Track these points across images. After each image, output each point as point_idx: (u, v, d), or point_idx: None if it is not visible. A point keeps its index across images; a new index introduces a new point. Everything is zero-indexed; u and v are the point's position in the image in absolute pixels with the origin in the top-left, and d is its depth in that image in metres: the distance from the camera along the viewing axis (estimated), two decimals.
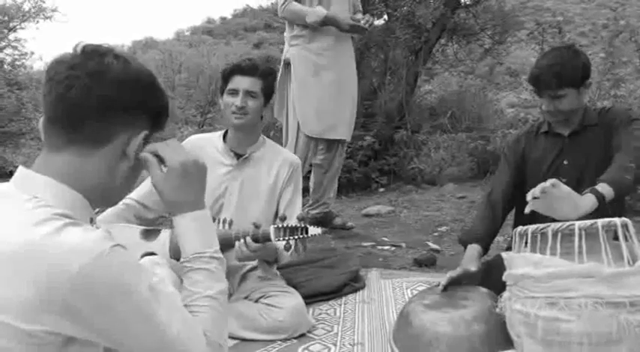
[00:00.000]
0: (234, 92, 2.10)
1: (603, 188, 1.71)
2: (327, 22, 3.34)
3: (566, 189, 1.68)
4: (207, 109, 11.23)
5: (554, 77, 1.92)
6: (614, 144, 1.93)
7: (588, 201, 1.69)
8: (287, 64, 3.57)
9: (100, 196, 0.99)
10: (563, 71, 1.93)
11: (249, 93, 2.09)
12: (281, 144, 2.39)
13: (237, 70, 2.11)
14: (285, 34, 3.69)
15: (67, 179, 0.92)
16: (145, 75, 0.97)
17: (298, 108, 3.49)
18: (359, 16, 3.46)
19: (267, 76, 2.14)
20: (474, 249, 2.02)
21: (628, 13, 6.56)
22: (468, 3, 7.40)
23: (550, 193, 1.66)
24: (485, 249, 2.06)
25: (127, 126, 0.95)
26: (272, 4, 9.77)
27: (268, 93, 2.16)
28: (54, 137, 0.93)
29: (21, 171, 0.93)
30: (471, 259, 1.97)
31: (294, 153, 3.29)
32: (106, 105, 0.92)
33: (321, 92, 3.47)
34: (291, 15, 3.46)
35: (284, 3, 3.45)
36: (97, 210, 1.13)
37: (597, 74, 5.33)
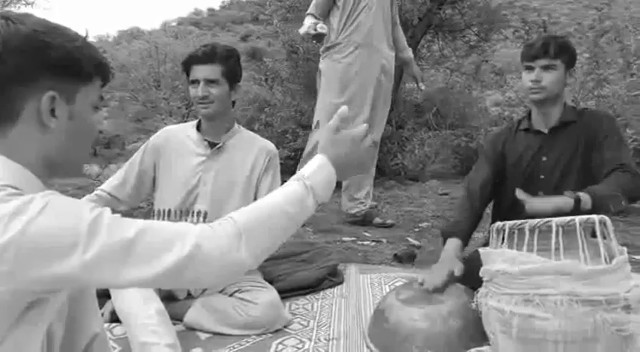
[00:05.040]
0: (195, 82, 2.05)
1: (584, 196, 1.71)
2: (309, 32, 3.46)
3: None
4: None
5: (553, 43, 2.01)
6: (604, 157, 1.94)
7: (563, 199, 1.71)
8: (320, 73, 3.79)
9: (49, 167, 0.96)
10: (560, 42, 2.04)
11: (209, 82, 2.03)
12: (265, 138, 2.33)
13: (194, 59, 2.04)
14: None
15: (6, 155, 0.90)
16: (24, 35, 0.88)
17: (323, 117, 3.68)
18: (318, 26, 3.51)
19: (228, 60, 2.06)
20: (453, 242, 2.00)
21: (614, 14, 6.61)
22: None
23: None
24: (465, 243, 2.04)
25: (29, 95, 0.90)
26: None
27: (232, 76, 2.08)
28: None
29: None
30: (451, 256, 1.95)
31: None
32: None
33: (344, 99, 3.61)
34: (301, 29, 3.62)
35: (305, 16, 3.63)
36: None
37: (582, 74, 5.36)
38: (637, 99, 5.13)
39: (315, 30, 3.39)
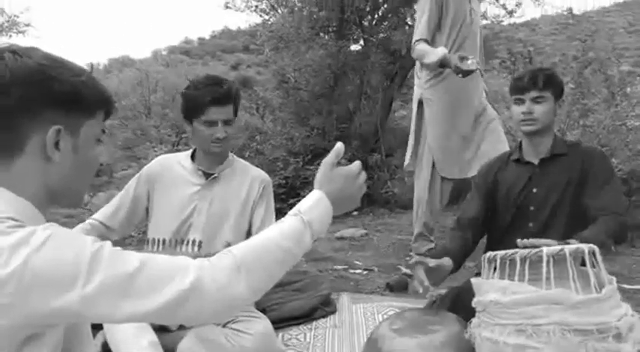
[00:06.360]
0: (212, 123, 2.02)
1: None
2: (443, 63, 3.18)
3: None
4: (182, 129, 11.19)
5: (542, 76, 2.03)
6: (594, 197, 1.96)
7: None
8: (420, 103, 3.56)
9: (50, 198, 0.96)
10: (549, 73, 2.08)
11: (227, 122, 2.04)
12: (255, 165, 2.34)
13: (215, 101, 2.00)
14: (416, 70, 3.63)
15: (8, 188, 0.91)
16: (30, 68, 0.89)
17: (435, 150, 3.50)
18: (469, 61, 3.15)
19: (238, 97, 2.10)
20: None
21: (597, 46, 6.76)
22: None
23: None
24: (457, 265, 2.04)
25: (34, 128, 0.91)
26: (250, 25, 9.84)
27: (237, 112, 2.12)
28: None
29: None
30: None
31: (429, 192, 3.52)
32: None
33: (456, 132, 3.46)
34: (417, 55, 3.41)
35: (415, 42, 3.41)
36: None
37: (567, 104, 5.45)
38: (621, 129, 5.22)
39: (467, 65, 3.03)
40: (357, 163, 1.16)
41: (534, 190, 2.09)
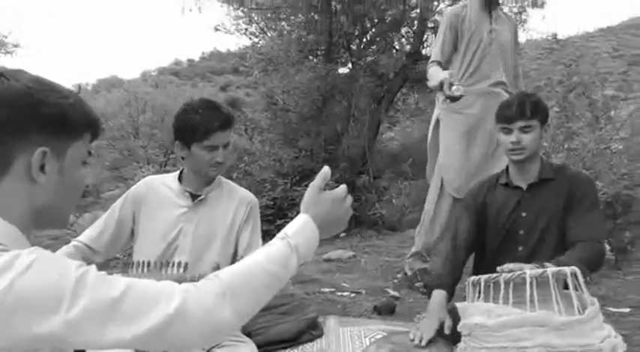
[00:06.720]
0: (214, 148, 2.02)
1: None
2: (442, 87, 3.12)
3: None
4: (170, 149, 11.17)
5: (528, 104, 2.04)
6: (576, 222, 1.99)
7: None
8: (437, 123, 3.57)
9: (35, 220, 0.96)
10: (535, 101, 2.08)
11: (226, 146, 2.05)
12: (243, 186, 2.32)
13: (219, 126, 2.00)
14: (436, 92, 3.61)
15: None
16: (17, 92, 0.90)
17: (444, 169, 3.52)
18: (454, 87, 3.10)
19: (234, 122, 2.12)
20: (440, 295, 1.99)
21: (581, 70, 6.88)
22: (429, 55, 7.65)
23: None
24: (451, 294, 2.04)
25: (20, 150, 0.91)
26: (239, 48, 9.93)
27: None
28: None
29: None
30: (438, 308, 1.95)
31: (435, 211, 3.55)
32: None
33: (469, 153, 3.44)
34: (428, 77, 3.41)
35: (429, 64, 3.44)
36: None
37: (552, 128, 5.52)
38: (606, 153, 5.29)
39: (451, 90, 3.04)
40: (342, 187, 1.17)
41: (523, 214, 2.10)
